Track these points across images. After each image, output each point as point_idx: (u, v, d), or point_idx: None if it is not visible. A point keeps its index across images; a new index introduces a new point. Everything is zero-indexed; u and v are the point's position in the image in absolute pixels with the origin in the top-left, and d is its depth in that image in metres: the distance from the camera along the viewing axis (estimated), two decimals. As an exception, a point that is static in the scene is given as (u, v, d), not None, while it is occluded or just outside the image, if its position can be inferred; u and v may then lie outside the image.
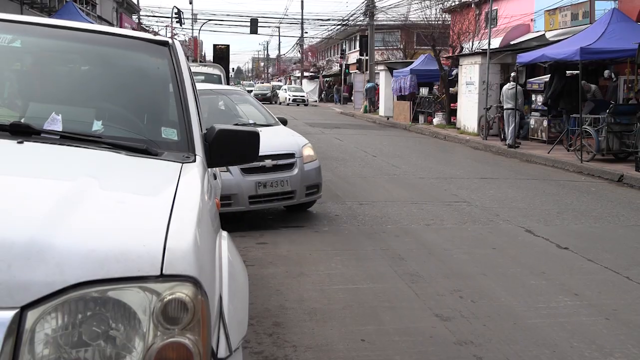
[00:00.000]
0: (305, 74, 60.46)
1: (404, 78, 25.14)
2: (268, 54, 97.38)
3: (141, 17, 41.01)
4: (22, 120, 2.42)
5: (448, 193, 9.55)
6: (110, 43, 3.00)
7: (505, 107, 16.09)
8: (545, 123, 16.59)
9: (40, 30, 2.96)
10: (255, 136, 2.67)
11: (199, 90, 9.35)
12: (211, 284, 1.69)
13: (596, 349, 3.97)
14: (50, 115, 2.42)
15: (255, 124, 8.00)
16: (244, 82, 74.59)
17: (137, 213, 1.75)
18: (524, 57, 15.26)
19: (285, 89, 49.27)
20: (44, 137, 2.29)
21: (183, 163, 2.28)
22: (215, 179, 3.70)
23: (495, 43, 21.02)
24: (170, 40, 3.04)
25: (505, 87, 16.45)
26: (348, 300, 4.76)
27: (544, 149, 14.84)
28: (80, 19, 15.92)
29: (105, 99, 2.80)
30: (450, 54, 25.09)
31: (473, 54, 20.99)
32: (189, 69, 2.99)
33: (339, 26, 46.80)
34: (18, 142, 2.16)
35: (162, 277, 1.52)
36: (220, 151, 2.58)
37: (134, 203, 1.85)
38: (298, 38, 59.28)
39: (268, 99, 44.71)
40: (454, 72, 22.58)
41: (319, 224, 7.41)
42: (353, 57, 46.97)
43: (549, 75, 15.83)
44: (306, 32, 57.43)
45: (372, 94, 33.01)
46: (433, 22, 26.25)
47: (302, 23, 54.90)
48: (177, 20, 39.47)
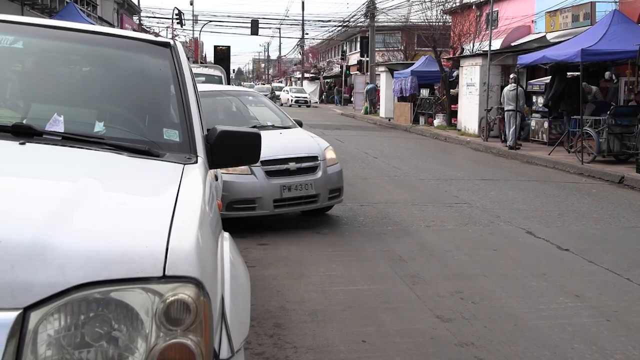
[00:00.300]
0: (306, 75, 60.49)
1: (404, 79, 25.15)
2: (269, 55, 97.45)
3: (142, 18, 41.05)
4: (24, 122, 2.42)
5: (449, 194, 9.55)
6: (112, 44, 3.01)
7: (506, 109, 16.09)
8: (546, 124, 16.59)
9: (42, 32, 2.97)
10: (257, 137, 2.67)
11: (212, 92, 8.91)
12: (213, 285, 1.69)
13: (597, 350, 3.97)
14: (52, 116, 2.43)
15: (274, 126, 7.93)
16: (245, 84, 74.58)
17: (139, 214, 1.75)
18: (525, 59, 15.26)
19: (287, 90, 49.38)
20: (46, 139, 2.29)
21: (185, 164, 2.28)
22: (216, 180, 3.70)
23: (496, 44, 21.02)
24: (171, 42, 3.05)
25: (506, 89, 16.45)
26: (349, 302, 4.76)
27: (544, 151, 14.84)
28: (81, 20, 15.94)
29: (107, 100, 2.80)
30: (451, 56, 25.11)
31: (474, 56, 21.00)
32: (191, 70, 2.99)
33: (339, 27, 46.83)
34: (20, 143, 2.16)
35: (165, 278, 1.52)
36: (222, 152, 2.58)
37: (136, 204, 1.85)
38: (299, 39, 59.30)
39: None
40: (454, 74, 22.58)
41: (319, 225, 7.41)
42: (354, 59, 47.00)
43: (549, 76, 15.83)
44: (307, 34, 57.50)
45: (373, 96, 33.02)
46: (434, 24, 26.25)
47: (303, 24, 54.94)
48: (178, 21, 39.48)
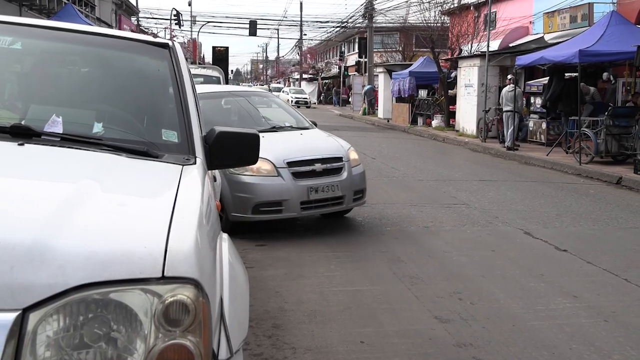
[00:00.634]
0: (304, 76, 60.51)
1: (402, 80, 25.16)
2: (267, 56, 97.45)
3: (140, 19, 41.02)
4: (23, 123, 2.42)
5: (447, 195, 9.56)
6: (111, 45, 3.01)
7: (504, 110, 16.11)
8: (544, 125, 16.61)
9: (41, 33, 2.96)
10: (256, 138, 2.67)
11: (225, 92, 8.68)
12: (212, 286, 1.70)
13: (595, 351, 3.98)
14: (51, 117, 2.43)
15: (292, 127, 7.84)
16: (243, 84, 74.52)
17: (138, 215, 1.75)
18: (523, 60, 15.28)
19: (286, 91, 49.48)
20: (44, 139, 2.29)
21: (183, 165, 2.28)
22: (215, 180, 3.71)
23: (494, 45, 21.05)
24: (170, 43, 3.05)
25: (504, 90, 16.47)
26: (347, 302, 4.76)
27: (542, 152, 14.86)
28: (80, 21, 15.93)
29: (105, 101, 2.80)
30: (449, 56, 25.13)
31: (472, 56, 21.02)
32: (189, 71, 2.99)
33: (338, 28, 46.81)
34: (19, 144, 2.16)
35: (164, 279, 1.52)
36: (221, 153, 2.58)
37: (135, 205, 1.85)
38: (297, 40, 59.31)
39: None
40: (452, 75, 22.60)
41: (318, 226, 7.42)
42: (352, 59, 47.01)
43: (547, 77, 15.86)
44: (305, 34, 57.48)
45: (371, 96, 33.03)
46: (432, 25, 26.28)
47: (301, 25, 54.94)
48: (176, 22, 39.46)
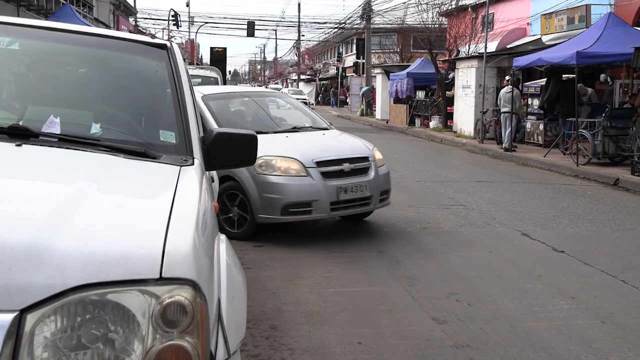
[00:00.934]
0: (302, 76, 60.52)
1: (400, 81, 25.18)
2: (265, 57, 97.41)
3: (138, 20, 40.97)
4: (21, 123, 2.42)
5: (444, 196, 9.56)
6: (109, 46, 3.01)
7: (502, 111, 16.13)
8: (541, 127, 16.63)
9: (39, 33, 2.96)
10: (253, 139, 2.68)
11: (240, 93, 8.41)
12: (210, 287, 1.69)
13: (592, 352, 3.98)
14: (49, 118, 2.42)
15: (312, 127, 7.76)
16: (241, 85, 74.41)
17: (136, 216, 1.75)
18: (521, 61, 15.30)
19: (285, 93, 49.47)
20: (42, 140, 2.29)
21: (181, 166, 2.28)
22: (212, 181, 3.70)
23: (492, 47, 21.07)
24: (168, 43, 3.05)
25: (502, 91, 16.48)
26: (345, 304, 4.76)
27: (540, 153, 14.88)
28: (78, 22, 15.92)
29: (103, 102, 2.80)
30: (446, 58, 25.14)
31: (470, 58, 21.03)
32: (187, 71, 2.99)
33: (335, 29, 46.82)
34: (16, 145, 2.16)
35: (161, 280, 1.52)
36: (219, 154, 2.58)
37: (133, 206, 1.85)
38: (295, 41, 59.33)
39: None
40: (450, 76, 22.61)
41: (315, 227, 7.42)
42: (350, 60, 47.01)
43: (545, 79, 15.88)
44: (303, 35, 57.49)
45: (369, 97, 33.05)
46: (430, 26, 26.31)
47: (299, 26, 54.94)
48: (174, 22, 39.43)
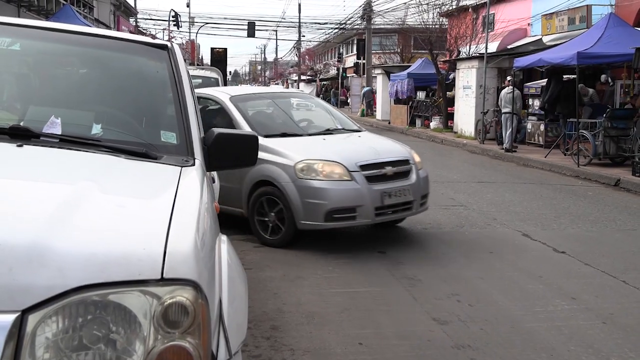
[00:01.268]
0: (303, 77, 60.49)
1: (401, 82, 25.17)
2: (265, 58, 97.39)
3: (138, 20, 40.98)
4: (22, 124, 2.42)
5: (445, 197, 9.56)
6: (110, 46, 3.01)
7: (503, 111, 16.12)
8: (542, 127, 16.62)
9: (40, 34, 2.97)
10: (254, 140, 2.67)
11: (264, 94, 8.28)
12: (211, 288, 1.69)
13: (593, 352, 3.98)
14: (50, 118, 2.42)
15: (344, 129, 7.55)
16: (241, 86, 74.30)
17: (138, 217, 1.75)
18: (521, 62, 15.29)
19: None
20: (43, 141, 2.29)
21: (182, 167, 2.28)
22: (213, 182, 3.70)
23: (493, 47, 21.07)
24: (169, 44, 3.05)
25: (503, 91, 16.48)
26: (346, 304, 4.76)
27: (541, 153, 14.87)
28: (78, 22, 15.93)
29: (104, 103, 2.80)
30: (447, 58, 25.15)
31: (470, 58, 21.03)
32: (188, 72, 2.99)
33: (336, 30, 46.80)
34: (17, 146, 2.16)
35: (163, 281, 1.52)
36: (219, 155, 2.58)
37: (134, 207, 1.85)
38: (295, 41, 59.28)
39: None
40: (451, 76, 22.61)
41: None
42: (350, 61, 47.00)
43: (546, 79, 15.87)
44: (303, 36, 57.41)
45: (370, 98, 33.04)
46: (430, 26, 26.30)
47: (300, 26, 54.89)
48: (175, 23, 39.43)
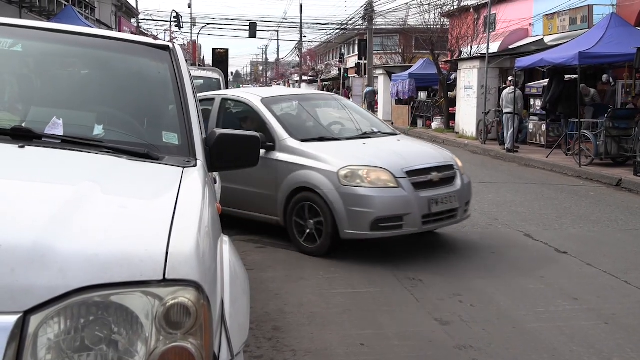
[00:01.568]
0: (304, 77, 60.50)
1: (402, 82, 25.19)
2: (267, 58, 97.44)
3: (140, 21, 41.02)
4: (24, 125, 2.42)
5: (447, 197, 9.53)
6: (112, 47, 3.01)
7: (504, 112, 16.12)
8: (543, 127, 16.61)
9: (42, 35, 2.97)
10: (256, 140, 2.67)
11: (295, 95, 8.02)
12: (213, 289, 1.69)
13: (595, 353, 3.97)
14: (52, 119, 2.43)
15: (381, 133, 7.25)
16: (244, 86, 74.38)
17: (139, 218, 1.75)
18: (523, 62, 15.28)
19: None
20: (45, 142, 2.29)
21: (184, 167, 2.28)
22: (215, 182, 3.70)
23: (494, 47, 21.06)
24: (171, 45, 3.05)
25: (505, 92, 16.48)
26: (347, 305, 4.76)
27: (542, 153, 14.86)
28: (80, 23, 15.94)
29: (106, 104, 2.80)
30: (449, 58, 25.14)
31: (472, 58, 21.03)
32: (190, 73, 3.00)
33: (337, 30, 46.81)
34: (19, 147, 2.16)
35: (165, 282, 1.52)
36: (221, 155, 2.58)
37: (136, 208, 1.85)
38: (297, 42, 59.30)
39: None
40: (452, 77, 22.61)
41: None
42: (352, 61, 47.00)
43: (547, 79, 15.86)
44: (305, 36, 57.45)
45: (372, 98, 33.03)
46: (432, 27, 26.30)
47: (301, 27, 54.91)
48: (176, 24, 39.45)
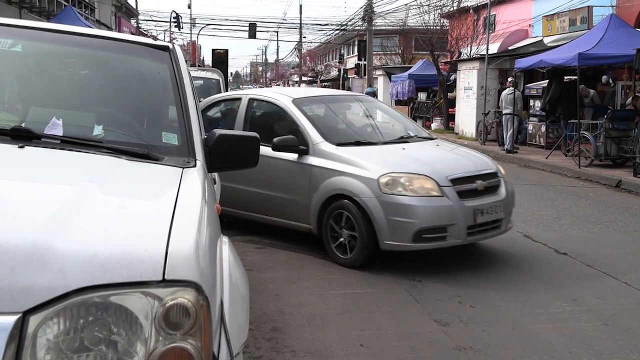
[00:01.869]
0: (304, 78, 60.52)
1: (402, 83, 25.20)
2: (266, 59, 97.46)
3: (140, 22, 41.02)
4: (23, 125, 2.42)
5: (446, 198, 9.53)
6: (111, 48, 3.01)
7: (504, 112, 16.13)
8: (543, 128, 16.62)
9: (42, 35, 2.97)
10: (255, 141, 2.67)
11: (326, 97, 7.74)
12: (212, 289, 1.69)
13: (594, 354, 3.97)
14: (51, 119, 2.43)
15: (417, 137, 6.89)
16: (243, 87, 74.32)
17: (139, 218, 1.75)
18: (522, 63, 15.29)
19: None
20: (44, 142, 2.29)
21: (184, 168, 2.28)
22: (214, 183, 3.70)
23: (494, 48, 21.08)
24: (170, 45, 3.05)
25: (504, 92, 16.50)
26: (347, 305, 4.76)
27: (542, 154, 14.87)
28: (80, 23, 15.93)
29: (105, 104, 2.80)
30: (448, 59, 25.16)
31: (471, 59, 21.05)
32: (189, 73, 3.00)
33: (337, 31, 46.81)
34: (19, 147, 2.16)
35: (164, 282, 1.52)
36: (221, 156, 2.58)
37: (136, 208, 1.85)
38: (296, 43, 59.30)
39: None
40: (452, 77, 22.63)
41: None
42: (351, 62, 47.00)
43: (547, 80, 15.87)
44: (304, 37, 57.44)
45: (371, 99, 32.98)
46: (431, 27, 26.33)
47: (301, 28, 54.89)
48: (176, 24, 39.45)
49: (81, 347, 1.46)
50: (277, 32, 62.70)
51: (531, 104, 17.90)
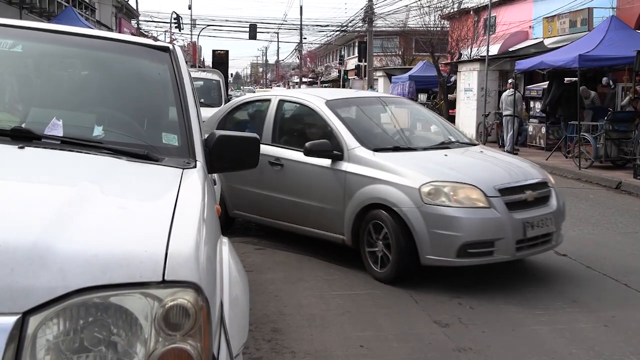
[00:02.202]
0: (304, 79, 60.55)
1: (402, 84, 25.21)
2: (267, 60, 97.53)
3: (140, 22, 41.04)
4: (23, 126, 2.42)
5: (446, 199, 9.53)
6: (112, 48, 3.01)
7: (504, 114, 16.14)
8: (543, 130, 16.63)
9: (42, 36, 2.98)
10: (256, 142, 2.67)
11: (360, 98, 7.37)
12: (212, 290, 1.69)
13: (595, 355, 3.97)
14: (51, 120, 2.43)
15: (459, 142, 6.51)
16: (245, 88, 74.23)
17: (139, 219, 1.75)
18: (523, 64, 15.30)
19: None
20: (45, 143, 2.29)
21: (184, 169, 2.28)
22: (214, 184, 3.70)
23: (494, 50, 21.10)
24: (171, 46, 3.05)
25: (504, 94, 16.51)
26: (347, 306, 4.76)
27: (542, 156, 14.86)
28: (80, 24, 15.94)
29: (106, 104, 2.81)
30: (448, 61, 25.17)
31: (472, 61, 21.06)
32: (190, 74, 3.00)
33: (337, 32, 46.85)
34: (19, 147, 2.16)
35: (164, 283, 1.52)
36: (221, 157, 2.58)
37: (136, 209, 1.85)
38: (297, 44, 59.35)
39: None
40: (452, 79, 22.64)
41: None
42: (352, 63, 47.00)
43: (547, 82, 15.88)
44: (305, 38, 57.49)
45: (371, 100, 32.99)
46: (432, 29, 26.34)
47: (301, 29, 54.94)
48: (176, 25, 39.48)
49: (81, 348, 1.46)
50: (278, 33, 62.81)
51: (531, 105, 17.91)
